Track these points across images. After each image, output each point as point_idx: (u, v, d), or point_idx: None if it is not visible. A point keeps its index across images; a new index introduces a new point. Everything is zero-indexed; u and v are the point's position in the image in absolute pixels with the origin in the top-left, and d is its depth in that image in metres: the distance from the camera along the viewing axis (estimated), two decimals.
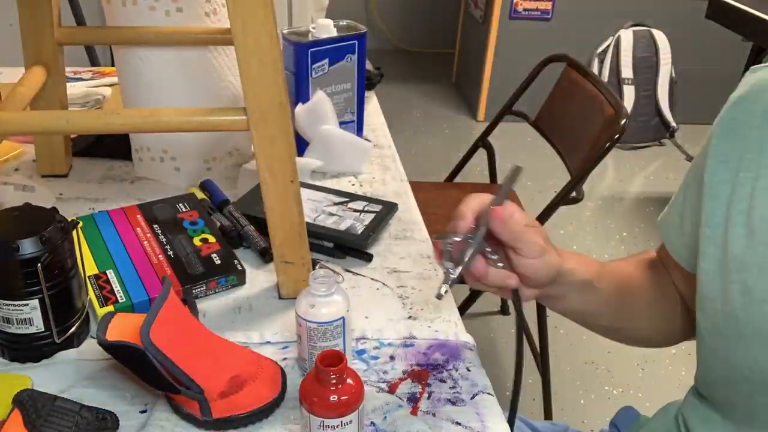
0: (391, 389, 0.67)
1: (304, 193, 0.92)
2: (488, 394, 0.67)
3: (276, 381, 0.64)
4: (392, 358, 0.71)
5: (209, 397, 0.60)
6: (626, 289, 0.74)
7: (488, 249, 0.62)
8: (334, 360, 0.55)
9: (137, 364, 0.59)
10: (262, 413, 0.62)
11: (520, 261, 0.62)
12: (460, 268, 0.60)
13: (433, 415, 0.64)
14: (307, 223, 0.78)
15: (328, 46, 1.05)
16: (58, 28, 0.90)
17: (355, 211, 0.92)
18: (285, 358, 0.70)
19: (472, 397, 0.67)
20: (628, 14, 3.21)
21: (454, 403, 0.66)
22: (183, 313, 0.64)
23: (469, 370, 0.70)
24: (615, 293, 0.72)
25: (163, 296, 0.61)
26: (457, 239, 0.60)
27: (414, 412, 0.64)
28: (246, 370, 0.63)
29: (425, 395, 0.66)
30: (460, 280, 0.61)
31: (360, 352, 0.71)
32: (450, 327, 0.76)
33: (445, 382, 0.68)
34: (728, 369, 0.64)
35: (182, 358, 0.59)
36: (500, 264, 0.62)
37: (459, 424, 0.64)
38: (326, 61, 1.06)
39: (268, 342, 0.72)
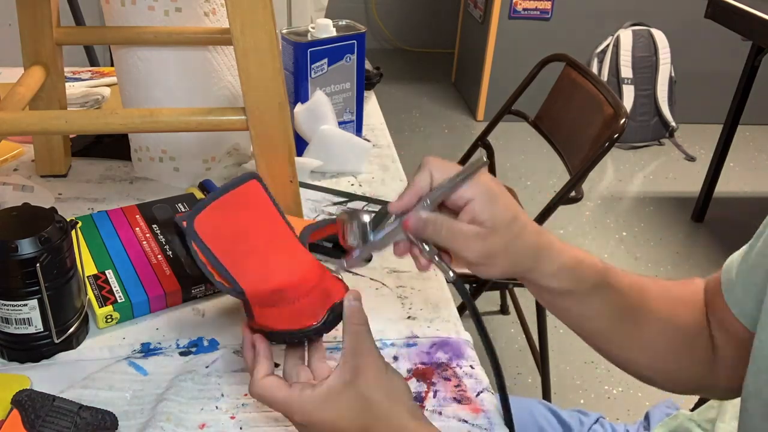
0: None
1: (304, 192, 0.92)
2: (492, 392, 0.67)
3: (323, 308, 0.58)
4: (396, 358, 0.71)
5: (250, 299, 0.56)
6: (635, 303, 0.63)
7: (421, 242, 0.57)
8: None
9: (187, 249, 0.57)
10: (292, 336, 0.57)
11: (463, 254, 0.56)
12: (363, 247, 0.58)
13: (440, 413, 0.64)
14: None
15: (327, 46, 1.05)
16: (57, 28, 0.90)
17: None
18: None
19: (477, 395, 0.67)
20: (628, 14, 3.22)
21: (459, 401, 0.66)
22: (255, 207, 0.59)
23: (472, 368, 0.70)
24: (617, 303, 0.63)
25: (231, 186, 0.58)
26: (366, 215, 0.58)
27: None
28: (296, 287, 0.57)
29: (431, 394, 0.66)
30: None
31: None
32: (450, 326, 0.76)
33: (449, 380, 0.68)
34: None
35: (228, 252, 0.56)
36: (436, 257, 0.57)
37: (465, 421, 0.64)
38: (325, 60, 1.06)
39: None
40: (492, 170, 1.86)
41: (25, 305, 0.64)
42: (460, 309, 0.86)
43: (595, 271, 0.61)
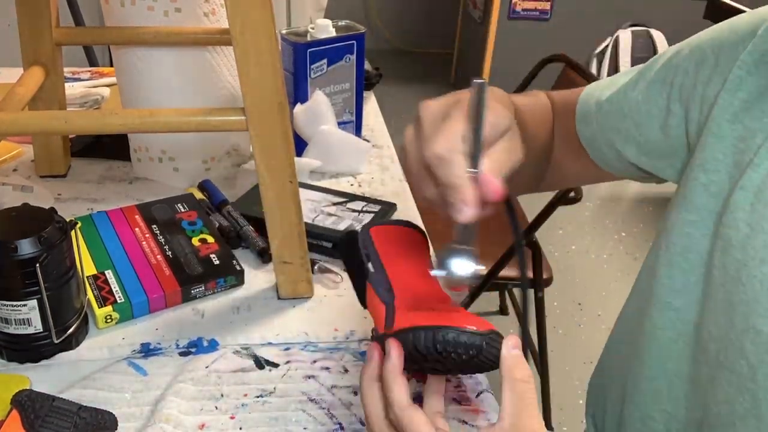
0: None
1: (303, 193, 0.92)
2: (491, 392, 0.67)
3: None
4: None
5: (397, 306, 0.54)
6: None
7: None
8: None
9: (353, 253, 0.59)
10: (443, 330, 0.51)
11: None
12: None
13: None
14: (306, 224, 0.78)
15: (326, 47, 1.05)
16: (56, 28, 0.89)
17: (354, 211, 0.92)
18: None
19: (477, 396, 0.67)
20: (627, 14, 3.22)
21: (459, 402, 0.66)
22: (411, 244, 0.61)
23: None
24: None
25: (400, 222, 0.62)
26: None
27: None
28: (443, 301, 0.55)
29: None
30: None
31: (363, 353, 0.71)
32: None
33: (449, 380, 0.68)
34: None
35: (391, 264, 0.57)
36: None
37: (465, 422, 0.64)
38: (325, 61, 1.06)
39: (270, 343, 0.72)
40: None
41: (25, 305, 0.64)
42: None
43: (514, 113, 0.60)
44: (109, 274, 0.76)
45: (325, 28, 1.05)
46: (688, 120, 0.62)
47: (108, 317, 0.72)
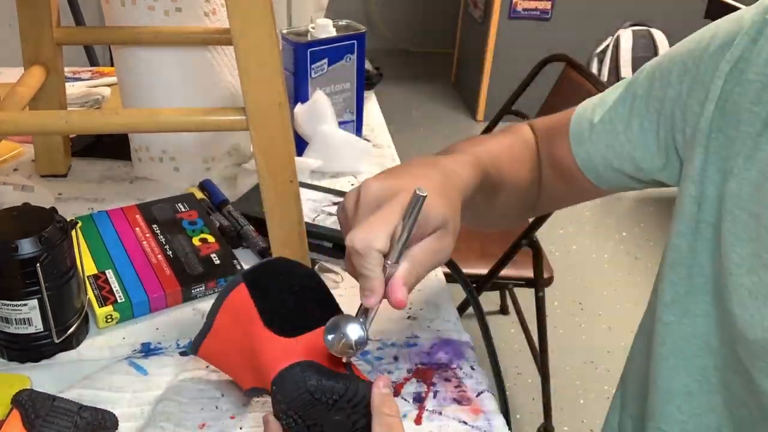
0: (397, 389, 0.67)
1: (304, 192, 0.92)
2: (492, 393, 0.67)
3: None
4: (396, 358, 0.71)
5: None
6: (495, 182, 0.68)
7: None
8: None
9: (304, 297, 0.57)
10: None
11: None
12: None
13: (439, 414, 0.64)
14: (307, 223, 0.78)
15: (327, 46, 1.05)
16: (57, 28, 0.89)
17: None
18: None
19: (478, 395, 0.67)
20: (628, 14, 3.22)
21: (459, 402, 0.66)
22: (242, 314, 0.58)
23: (473, 369, 0.70)
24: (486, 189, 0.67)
25: (222, 296, 0.58)
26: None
27: (420, 412, 0.64)
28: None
29: (431, 394, 0.66)
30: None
31: (363, 353, 0.71)
32: (450, 326, 0.76)
33: (450, 381, 0.68)
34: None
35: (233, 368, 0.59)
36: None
37: (465, 423, 0.64)
38: (325, 60, 1.06)
39: None
40: None
41: (25, 305, 0.64)
42: (460, 309, 0.86)
43: (476, 175, 0.63)
44: (110, 274, 0.76)
45: (326, 28, 1.05)
46: (675, 130, 0.63)
47: (108, 317, 0.72)
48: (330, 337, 0.50)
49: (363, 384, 0.51)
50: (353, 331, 0.50)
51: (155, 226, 0.84)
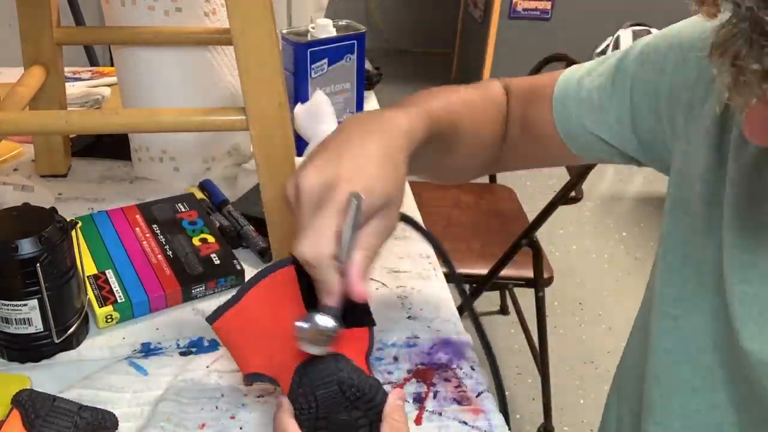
0: None
1: None
2: (492, 393, 0.67)
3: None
4: (396, 358, 0.71)
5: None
6: (451, 137, 0.68)
7: None
8: None
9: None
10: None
11: None
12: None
13: (439, 414, 0.64)
14: None
15: (327, 46, 1.05)
16: (57, 28, 0.89)
17: None
18: None
19: (478, 396, 0.67)
20: (628, 14, 3.22)
21: (459, 402, 0.66)
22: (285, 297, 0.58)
23: (473, 369, 0.70)
24: (440, 145, 0.66)
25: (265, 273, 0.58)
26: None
27: (420, 412, 0.64)
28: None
29: (431, 395, 0.66)
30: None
31: None
32: (450, 326, 0.76)
33: (450, 381, 0.68)
34: None
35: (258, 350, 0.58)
36: None
37: (465, 423, 0.64)
38: (325, 61, 1.06)
39: None
40: None
41: (25, 305, 0.64)
42: (460, 309, 0.86)
43: (425, 129, 0.62)
44: (110, 274, 0.76)
45: (326, 28, 1.05)
46: (665, 118, 0.63)
47: (108, 317, 0.72)
48: (301, 324, 0.51)
49: (382, 390, 0.53)
50: (323, 320, 0.51)
51: (155, 226, 0.84)
